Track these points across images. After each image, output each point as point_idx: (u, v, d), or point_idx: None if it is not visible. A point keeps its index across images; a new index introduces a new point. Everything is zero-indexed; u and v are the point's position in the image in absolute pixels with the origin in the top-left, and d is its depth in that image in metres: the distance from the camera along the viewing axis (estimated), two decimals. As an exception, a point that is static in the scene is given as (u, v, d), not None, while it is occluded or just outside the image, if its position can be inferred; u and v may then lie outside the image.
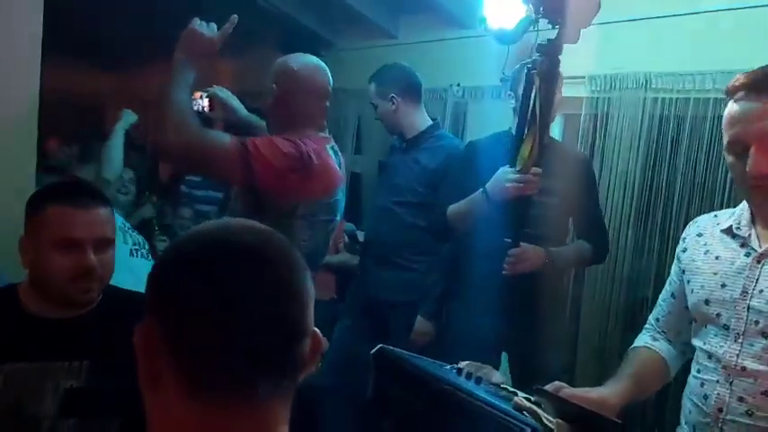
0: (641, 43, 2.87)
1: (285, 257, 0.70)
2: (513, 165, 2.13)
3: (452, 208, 2.40)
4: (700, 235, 1.50)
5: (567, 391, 1.25)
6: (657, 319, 1.59)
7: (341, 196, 2.09)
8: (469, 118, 3.84)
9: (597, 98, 3.04)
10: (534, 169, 2.09)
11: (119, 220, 2.69)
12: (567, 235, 2.61)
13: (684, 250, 1.53)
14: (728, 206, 2.59)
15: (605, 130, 3.04)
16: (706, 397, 1.36)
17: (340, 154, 2.11)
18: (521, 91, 2.37)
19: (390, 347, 1.34)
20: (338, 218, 2.12)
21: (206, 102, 2.47)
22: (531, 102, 1.99)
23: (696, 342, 1.44)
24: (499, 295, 2.20)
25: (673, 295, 1.56)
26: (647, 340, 1.58)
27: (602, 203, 2.91)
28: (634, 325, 2.93)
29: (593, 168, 2.65)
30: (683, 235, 1.56)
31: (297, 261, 0.71)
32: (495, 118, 3.46)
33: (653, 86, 2.85)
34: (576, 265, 2.74)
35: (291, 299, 0.69)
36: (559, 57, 1.95)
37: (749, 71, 1.32)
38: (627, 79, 2.91)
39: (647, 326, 1.62)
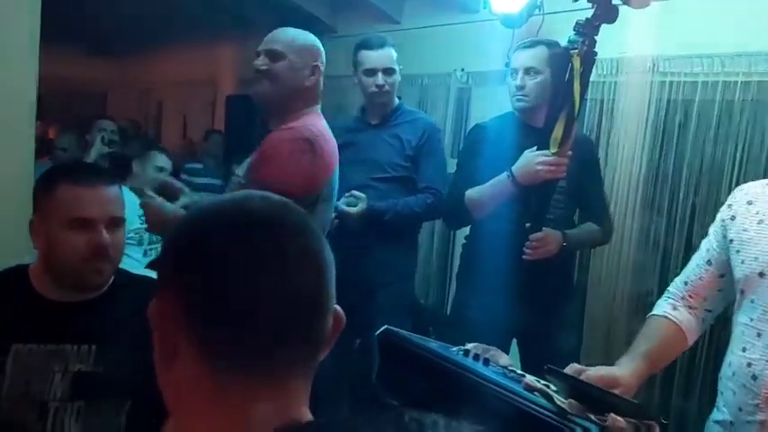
0: (648, 26, 2.82)
1: (304, 229, 0.68)
2: (541, 147, 2.10)
3: (472, 192, 2.32)
4: (750, 203, 1.44)
5: (588, 372, 1.22)
6: (686, 283, 1.54)
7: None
8: (473, 103, 3.81)
9: (603, 82, 3.01)
10: (568, 153, 2.06)
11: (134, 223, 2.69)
12: (574, 217, 2.60)
13: (733, 218, 1.46)
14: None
15: (611, 114, 3.01)
16: (755, 377, 1.33)
17: None
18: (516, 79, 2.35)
19: (396, 329, 1.31)
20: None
21: None
22: (567, 83, 1.94)
23: (741, 318, 1.41)
24: (513, 280, 2.16)
25: (709, 262, 1.51)
26: (666, 309, 1.54)
27: (607, 189, 2.90)
28: (639, 311, 2.92)
29: (595, 150, 2.63)
30: (729, 201, 1.50)
31: (316, 233, 0.69)
32: (499, 103, 3.44)
33: (660, 70, 2.82)
34: (587, 246, 2.72)
35: (312, 271, 0.67)
36: (596, 37, 1.91)
37: None
38: (634, 63, 2.88)
39: (669, 290, 1.58)
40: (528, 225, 2.20)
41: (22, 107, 2.17)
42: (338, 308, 0.70)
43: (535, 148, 2.14)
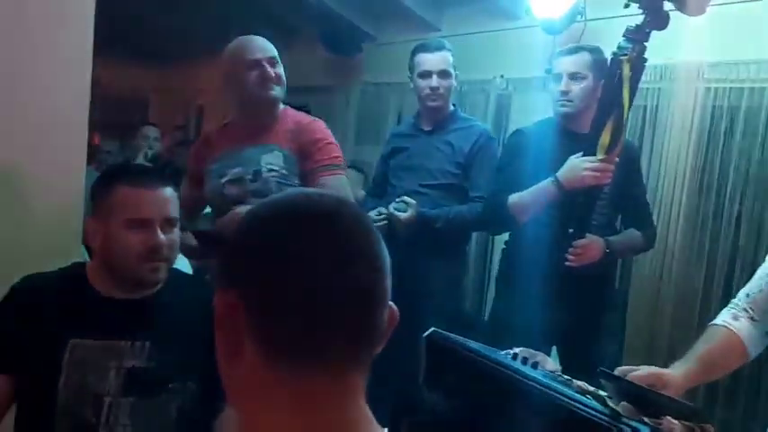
0: (693, 32, 2.79)
1: (361, 225, 0.70)
2: (587, 153, 2.10)
3: (515, 198, 2.32)
4: None
5: (636, 372, 1.21)
6: (748, 295, 1.53)
7: None
8: (514, 110, 3.80)
9: (647, 89, 2.98)
10: (612, 158, 2.06)
11: None
12: (616, 223, 2.58)
13: None
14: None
15: (655, 122, 2.98)
16: None
17: None
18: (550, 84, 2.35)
19: (443, 331, 1.32)
20: None
21: None
22: (616, 89, 1.94)
23: None
24: (553, 286, 2.15)
25: None
26: (727, 319, 1.52)
27: (651, 198, 2.86)
28: (683, 321, 2.88)
29: (638, 156, 2.60)
30: None
31: (372, 229, 0.71)
32: (540, 110, 3.43)
33: (705, 76, 2.78)
34: (629, 253, 2.69)
35: (369, 266, 0.68)
36: (646, 44, 1.92)
37: None
38: (679, 69, 2.85)
39: (733, 300, 1.56)
40: (571, 231, 2.19)
41: (77, 112, 2.23)
42: (392, 304, 0.72)
43: (581, 153, 2.13)
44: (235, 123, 2.34)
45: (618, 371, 1.23)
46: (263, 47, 2.22)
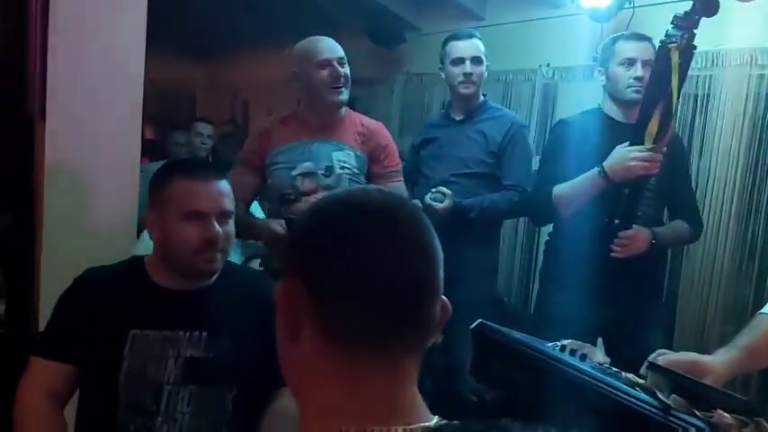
0: (746, 17, 2.72)
1: (418, 220, 0.73)
2: (634, 142, 2.07)
3: (561, 188, 2.30)
4: None
5: (671, 357, 1.21)
6: None
7: None
8: (560, 99, 3.76)
9: (698, 76, 2.92)
10: (663, 149, 2.04)
11: None
12: (662, 214, 2.54)
13: None
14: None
15: (706, 110, 2.91)
16: None
17: None
18: (612, 69, 2.32)
19: (490, 323, 1.33)
20: None
21: None
22: (664, 77, 1.92)
23: None
24: (598, 277, 2.13)
25: None
26: None
27: (701, 189, 2.81)
28: (733, 317, 2.82)
29: (684, 146, 2.56)
30: None
31: (428, 224, 0.74)
32: (587, 99, 3.38)
33: (759, 63, 2.71)
34: (676, 244, 2.66)
35: (424, 258, 0.71)
36: (695, 31, 1.89)
37: None
38: (730, 55, 2.78)
39: None
40: (617, 222, 2.17)
41: (131, 106, 2.30)
42: (445, 298, 0.74)
43: (627, 143, 2.11)
44: (299, 118, 2.42)
45: (657, 354, 1.23)
46: (332, 47, 2.33)
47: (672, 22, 1.90)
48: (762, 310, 1.51)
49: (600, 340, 2.42)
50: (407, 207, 0.74)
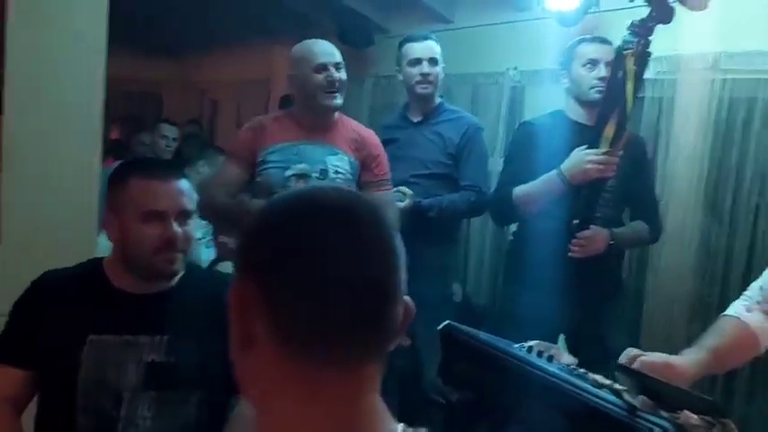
0: (710, 22, 2.76)
1: (375, 218, 0.70)
2: (591, 146, 2.12)
3: (521, 189, 2.35)
4: None
5: (642, 358, 1.21)
6: (761, 287, 1.51)
7: None
8: (527, 102, 3.78)
9: (663, 80, 2.96)
10: (618, 152, 2.08)
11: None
12: (623, 215, 2.57)
13: None
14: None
15: (671, 113, 2.95)
16: None
17: None
18: (575, 70, 2.35)
19: (458, 325, 1.32)
20: None
21: None
22: (620, 83, 1.96)
23: None
24: (560, 277, 2.18)
25: None
26: (740, 310, 1.51)
27: (667, 190, 2.85)
28: (699, 316, 2.86)
29: (646, 149, 2.61)
30: None
31: (387, 222, 0.71)
32: (554, 102, 3.40)
33: (722, 67, 2.75)
34: (635, 245, 2.72)
35: (385, 258, 0.68)
36: (651, 38, 1.93)
37: None
38: (694, 60, 2.82)
39: (746, 293, 1.55)
40: (575, 222, 2.22)
41: (92, 104, 2.25)
42: (408, 298, 0.72)
43: (585, 146, 2.14)
44: (293, 118, 2.42)
45: (626, 353, 1.23)
46: (330, 51, 2.35)
47: (628, 29, 1.94)
48: (726, 312, 1.53)
49: (561, 337, 2.45)
50: (367, 206, 0.71)
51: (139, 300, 1.46)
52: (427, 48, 2.76)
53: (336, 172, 2.34)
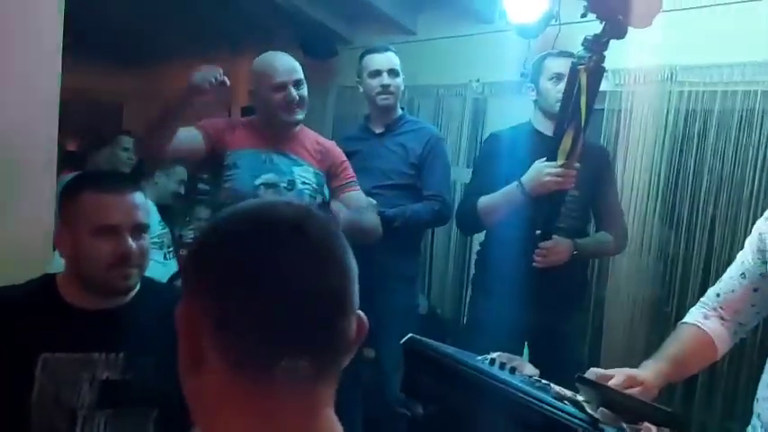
0: (666, 35, 2.82)
1: (325, 231, 0.69)
2: (550, 158, 2.14)
3: (484, 200, 2.38)
4: None
5: (612, 380, 1.22)
6: (718, 294, 1.53)
7: None
8: (489, 113, 3.82)
9: (621, 92, 3.01)
10: (576, 165, 2.11)
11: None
12: (588, 226, 2.60)
13: None
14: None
15: (629, 124, 3.00)
16: None
17: None
18: (542, 84, 2.39)
19: (421, 338, 1.32)
20: None
21: None
22: (575, 97, 1.99)
23: None
24: (524, 285, 2.21)
25: (743, 275, 1.49)
26: (697, 317, 1.52)
27: (626, 200, 2.89)
28: (659, 322, 2.91)
29: (611, 160, 2.65)
30: (767, 215, 1.48)
31: (338, 235, 0.70)
32: (516, 113, 3.44)
33: (678, 80, 2.81)
34: (599, 255, 2.75)
35: (336, 271, 0.67)
36: (605, 53, 1.95)
37: None
38: (651, 72, 2.88)
39: (702, 299, 1.56)
40: (538, 233, 2.25)
41: (46, 117, 2.19)
42: (361, 313, 0.71)
43: (544, 159, 2.18)
44: (258, 126, 2.40)
45: (590, 373, 1.24)
46: (289, 69, 2.31)
47: (582, 44, 1.96)
48: (684, 320, 1.55)
49: (525, 344, 2.47)
50: (317, 219, 0.69)
51: (94, 316, 1.42)
52: (387, 59, 2.79)
53: (303, 183, 2.33)
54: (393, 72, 2.77)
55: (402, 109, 2.92)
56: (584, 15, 1.95)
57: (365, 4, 4.12)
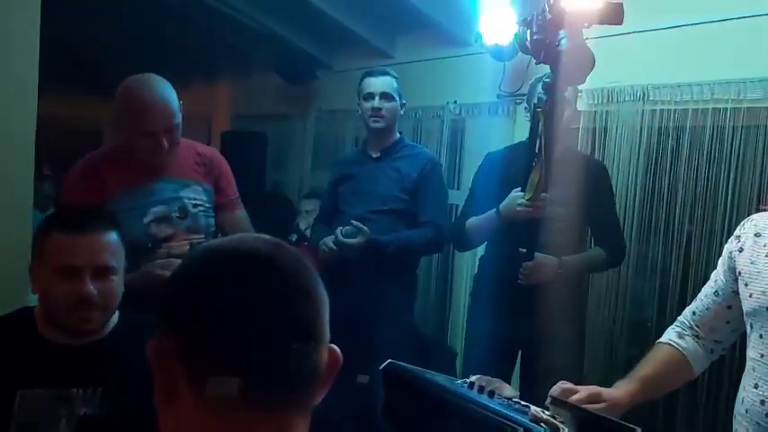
0: (638, 56, 2.88)
1: (295, 264, 0.70)
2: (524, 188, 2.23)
3: (472, 221, 2.50)
4: (758, 235, 1.43)
5: (576, 396, 1.24)
6: (694, 313, 1.55)
7: None
8: (467, 134, 3.86)
9: (595, 111, 3.06)
10: (542, 195, 2.19)
11: None
12: (585, 241, 2.65)
13: (741, 250, 1.45)
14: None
15: (604, 143, 3.05)
16: None
17: None
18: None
19: (399, 363, 1.32)
20: None
21: None
22: (538, 137, 2.09)
23: (752, 353, 1.40)
24: (514, 298, 2.30)
25: (716, 293, 1.51)
26: (672, 337, 1.54)
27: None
28: (638, 337, 2.93)
29: (608, 176, 2.69)
30: (738, 233, 1.49)
31: (309, 270, 0.71)
32: (492, 134, 3.48)
33: (651, 99, 2.87)
34: (587, 271, 2.76)
35: (305, 302, 0.68)
36: (561, 95, 2.09)
37: None
38: (624, 92, 2.93)
39: (679, 318, 1.58)
40: (522, 251, 2.30)
41: (22, 148, 2.19)
42: (334, 346, 0.72)
43: (519, 189, 2.26)
44: (128, 155, 2.09)
45: (557, 388, 1.26)
46: (163, 114, 1.99)
47: (542, 87, 2.05)
48: (660, 340, 1.57)
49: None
50: (286, 252, 0.71)
51: (71, 351, 1.41)
52: (380, 83, 2.78)
53: (195, 205, 2.12)
54: (386, 95, 2.76)
55: (400, 133, 2.91)
56: (537, 63, 2.03)
57: (343, 28, 4.17)
